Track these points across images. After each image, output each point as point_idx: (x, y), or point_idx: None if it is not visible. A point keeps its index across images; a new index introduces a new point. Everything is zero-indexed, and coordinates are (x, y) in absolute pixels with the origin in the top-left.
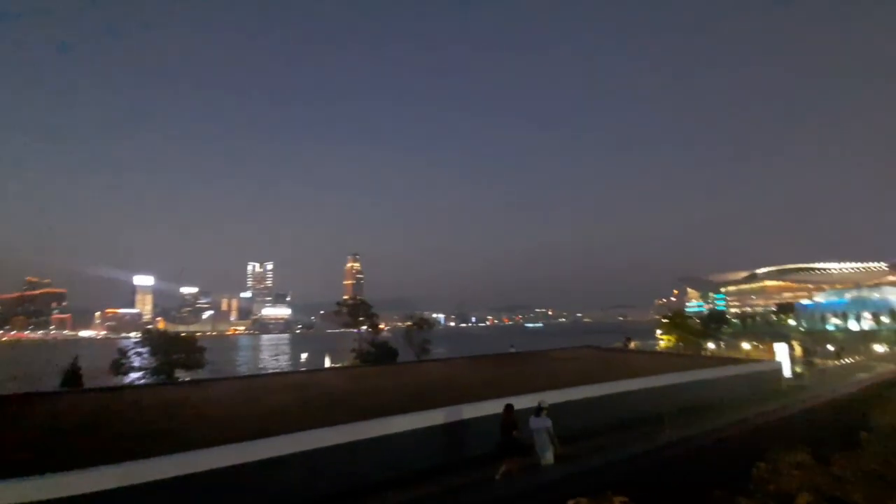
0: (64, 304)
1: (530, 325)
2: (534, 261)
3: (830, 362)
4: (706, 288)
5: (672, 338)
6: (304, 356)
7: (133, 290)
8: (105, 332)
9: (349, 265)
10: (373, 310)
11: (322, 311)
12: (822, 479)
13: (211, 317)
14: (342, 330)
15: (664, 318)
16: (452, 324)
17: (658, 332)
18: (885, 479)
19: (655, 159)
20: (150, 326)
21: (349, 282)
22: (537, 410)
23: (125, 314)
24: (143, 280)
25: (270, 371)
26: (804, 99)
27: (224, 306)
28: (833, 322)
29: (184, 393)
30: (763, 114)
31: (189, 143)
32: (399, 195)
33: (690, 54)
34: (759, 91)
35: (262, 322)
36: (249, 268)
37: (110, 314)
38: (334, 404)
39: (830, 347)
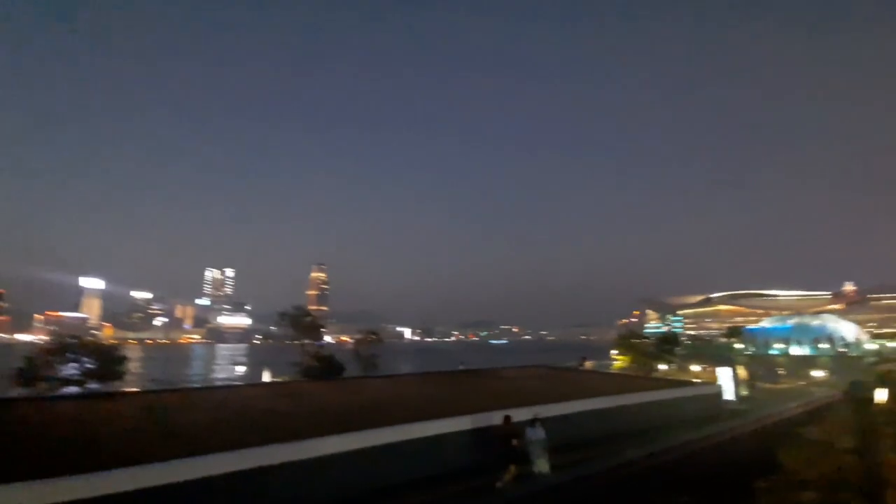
0: (2, 305)
1: (495, 341)
2: (500, 278)
3: (770, 385)
4: (665, 310)
5: (626, 358)
6: (240, 369)
7: (80, 293)
8: (45, 336)
9: (314, 275)
10: (334, 321)
11: (286, 322)
12: None
13: (164, 324)
14: (304, 341)
15: (619, 338)
16: (417, 338)
17: (613, 352)
18: None
19: (622, 183)
20: (95, 332)
21: (313, 292)
22: (532, 422)
23: (69, 318)
24: (90, 283)
25: (200, 384)
26: (764, 134)
27: (179, 313)
28: (777, 347)
29: (77, 408)
30: (726, 146)
31: (149, 143)
32: (369, 208)
33: (659, 85)
34: (721, 124)
35: (218, 331)
36: (208, 274)
37: (52, 317)
38: (250, 424)
39: (777, 371)
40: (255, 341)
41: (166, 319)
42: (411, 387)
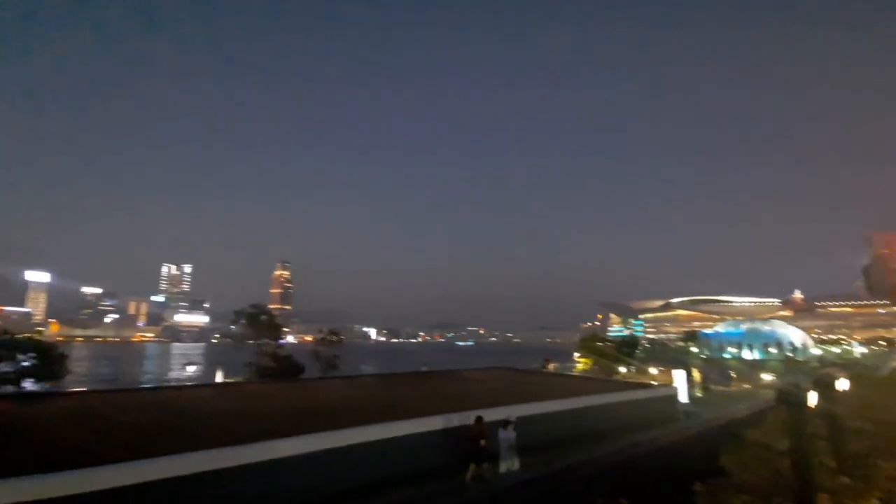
0: None
1: (461, 343)
2: (468, 280)
3: (723, 388)
4: (627, 314)
5: (589, 361)
6: (193, 369)
7: (25, 286)
8: None
9: (277, 273)
10: (298, 320)
11: (243, 321)
12: None
13: (115, 321)
14: (264, 341)
15: (581, 341)
16: (383, 339)
17: (576, 354)
18: None
19: (590, 190)
20: (40, 328)
21: (276, 290)
22: (504, 423)
23: (11, 313)
24: (36, 276)
25: (150, 385)
26: (724, 142)
27: (132, 310)
28: (730, 350)
29: (6, 408)
30: (685, 156)
31: (101, 134)
32: (336, 208)
33: (619, 90)
34: (679, 132)
35: (174, 329)
36: (164, 269)
37: None
38: (200, 426)
39: (731, 374)
40: (213, 340)
41: (118, 316)
42: (369, 388)
